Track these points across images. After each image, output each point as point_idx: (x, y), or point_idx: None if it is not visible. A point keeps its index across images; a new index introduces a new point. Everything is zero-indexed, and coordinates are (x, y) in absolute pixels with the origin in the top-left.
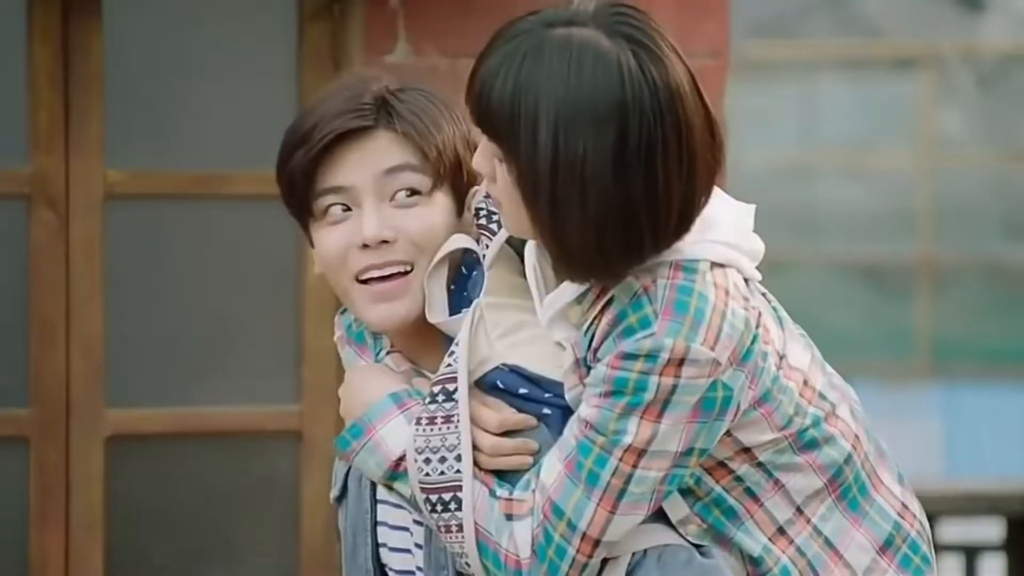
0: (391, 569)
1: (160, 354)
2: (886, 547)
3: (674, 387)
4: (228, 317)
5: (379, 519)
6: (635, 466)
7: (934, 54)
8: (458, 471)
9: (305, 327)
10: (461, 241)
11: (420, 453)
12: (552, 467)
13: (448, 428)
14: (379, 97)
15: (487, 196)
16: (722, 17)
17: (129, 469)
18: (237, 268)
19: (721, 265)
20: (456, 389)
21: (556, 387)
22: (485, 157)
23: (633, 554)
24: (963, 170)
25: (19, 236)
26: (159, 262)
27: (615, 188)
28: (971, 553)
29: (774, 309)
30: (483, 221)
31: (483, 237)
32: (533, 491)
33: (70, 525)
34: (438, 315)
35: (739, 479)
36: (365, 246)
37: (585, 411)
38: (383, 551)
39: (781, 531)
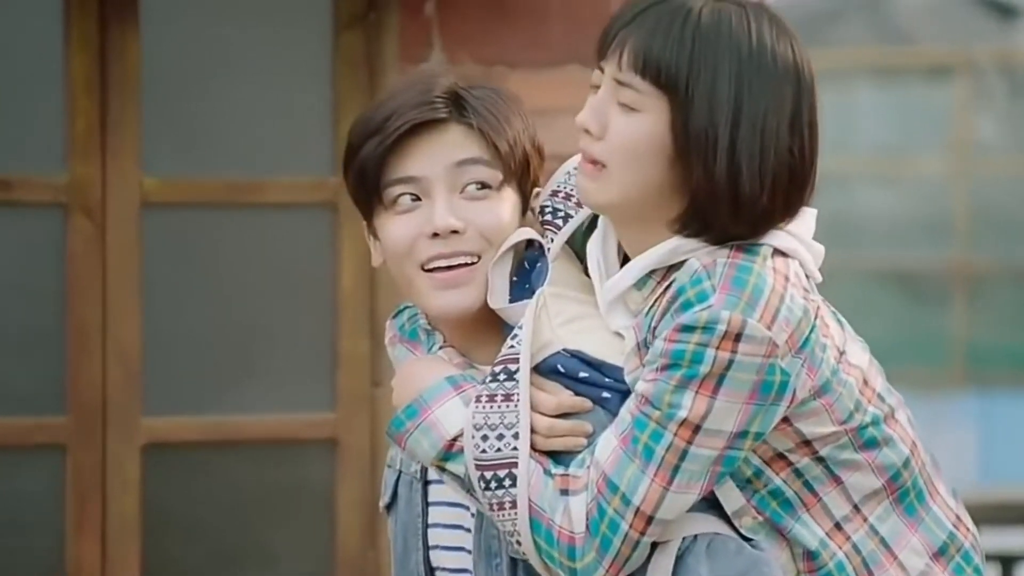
0: (444, 569)
1: (196, 362)
2: (940, 554)
3: (730, 362)
4: (263, 325)
5: (430, 522)
6: (690, 442)
7: (968, 61)
8: (515, 448)
9: (340, 335)
10: (528, 233)
11: (478, 430)
12: (607, 443)
13: (507, 407)
14: (451, 91)
15: (552, 194)
16: None
17: (165, 476)
18: (273, 275)
19: (784, 254)
20: (518, 369)
21: (616, 372)
22: (600, 110)
23: (683, 539)
24: (998, 177)
25: (56, 244)
26: (195, 270)
27: (788, 147)
28: (1006, 562)
29: (833, 312)
30: (548, 218)
31: (548, 232)
32: (588, 468)
33: (106, 532)
34: (499, 301)
35: (799, 472)
36: (435, 235)
37: (641, 386)
38: (435, 553)
39: (838, 527)
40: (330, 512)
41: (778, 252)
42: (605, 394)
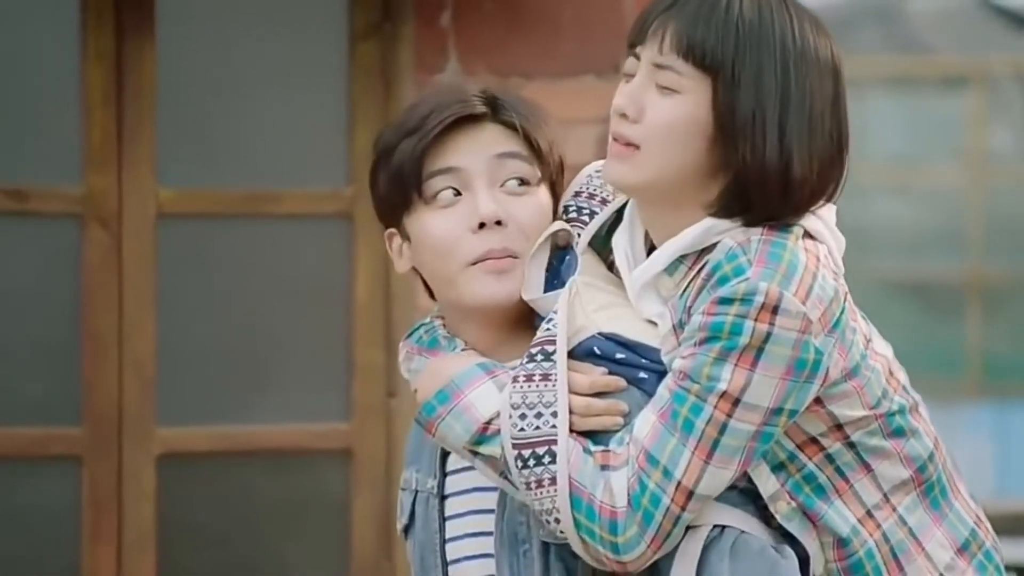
0: None
1: (211, 372)
2: (963, 549)
3: (768, 335)
4: (279, 335)
5: (448, 536)
6: (730, 415)
7: (983, 71)
8: (553, 426)
9: (355, 345)
10: (561, 224)
11: (516, 409)
12: (647, 419)
13: (545, 386)
14: (487, 92)
15: (575, 195)
16: None
17: (180, 486)
18: (288, 286)
19: (813, 237)
20: (555, 351)
21: (652, 352)
22: (637, 94)
23: (712, 528)
24: (1013, 187)
25: (72, 254)
26: (211, 280)
27: (831, 130)
28: (1022, 574)
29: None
30: (573, 215)
31: (575, 228)
32: (627, 444)
33: (122, 543)
34: (534, 291)
35: (830, 458)
36: (481, 226)
37: (679, 363)
38: (455, 568)
39: (869, 514)
40: (345, 522)
41: (808, 234)
42: (642, 374)
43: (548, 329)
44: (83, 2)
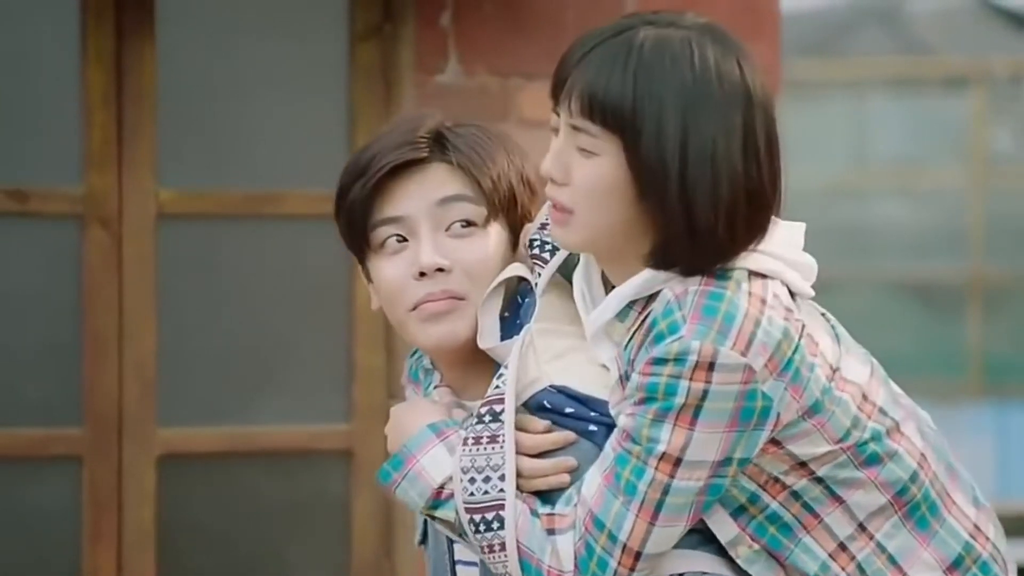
0: None
1: (211, 373)
2: (954, 567)
3: (705, 392)
4: (279, 336)
5: (457, 558)
6: (672, 476)
7: (984, 72)
8: (501, 491)
9: (356, 347)
10: (517, 269)
11: (466, 473)
12: (593, 480)
13: (493, 448)
14: (434, 131)
15: (541, 227)
16: (773, 36)
17: (180, 487)
18: (288, 287)
19: (762, 276)
20: (503, 410)
21: (602, 405)
22: (561, 157)
23: None
24: (1015, 188)
25: (72, 255)
26: (211, 281)
27: (743, 170)
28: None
29: (832, 327)
30: (536, 251)
31: (536, 266)
32: (575, 505)
33: (122, 543)
34: (489, 340)
35: (796, 495)
36: (422, 274)
37: (622, 421)
38: None
39: (842, 547)
40: (345, 523)
41: (755, 274)
42: (591, 427)
43: (497, 386)
44: (83, 3)
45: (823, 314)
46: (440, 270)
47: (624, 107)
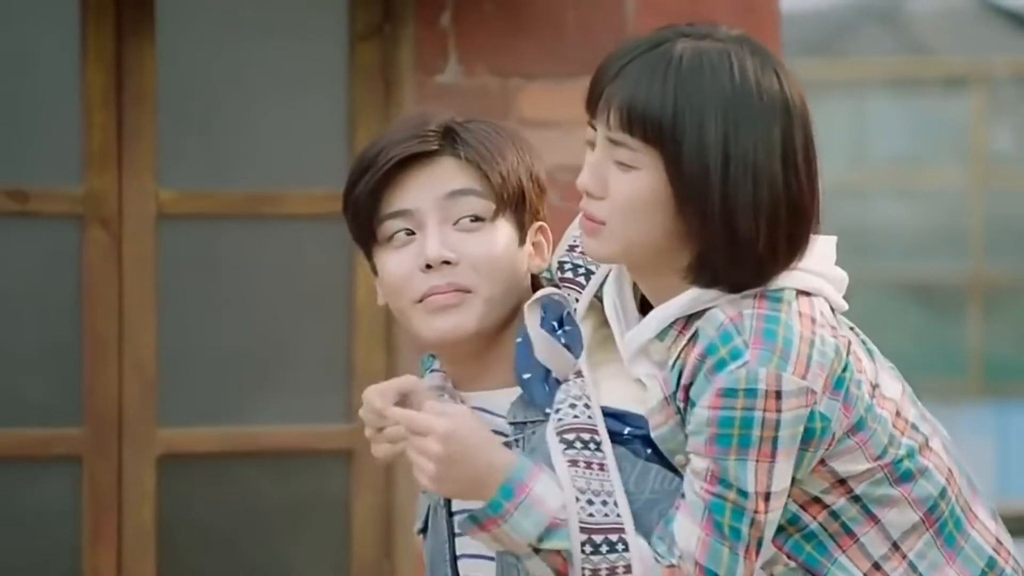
0: None
1: (211, 373)
2: None
3: (778, 422)
4: (279, 336)
5: (458, 552)
6: (765, 512)
7: (984, 72)
8: (619, 515)
9: (356, 346)
10: (546, 292)
11: (583, 494)
12: (690, 531)
13: (603, 475)
14: (444, 125)
15: (570, 248)
16: (774, 37)
17: (181, 487)
18: (289, 287)
19: (807, 293)
20: (601, 440)
21: (636, 419)
22: (599, 171)
23: None
24: (1014, 188)
25: (72, 255)
26: (211, 281)
27: (784, 181)
28: None
29: (863, 341)
30: (568, 275)
31: (567, 289)
32: (679, 558)
33: (122, 543)
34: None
35: (835, 514)
36: (428, 267)
37: (701, 464)
38: None
39: (876, 567)
40: (345, 523)
41: (801, 293)
42: (625, 432)
43: (576, 416)
44: (83, 3)
45: (851, 328)
46: (447, 263)
47: (664, 120)
